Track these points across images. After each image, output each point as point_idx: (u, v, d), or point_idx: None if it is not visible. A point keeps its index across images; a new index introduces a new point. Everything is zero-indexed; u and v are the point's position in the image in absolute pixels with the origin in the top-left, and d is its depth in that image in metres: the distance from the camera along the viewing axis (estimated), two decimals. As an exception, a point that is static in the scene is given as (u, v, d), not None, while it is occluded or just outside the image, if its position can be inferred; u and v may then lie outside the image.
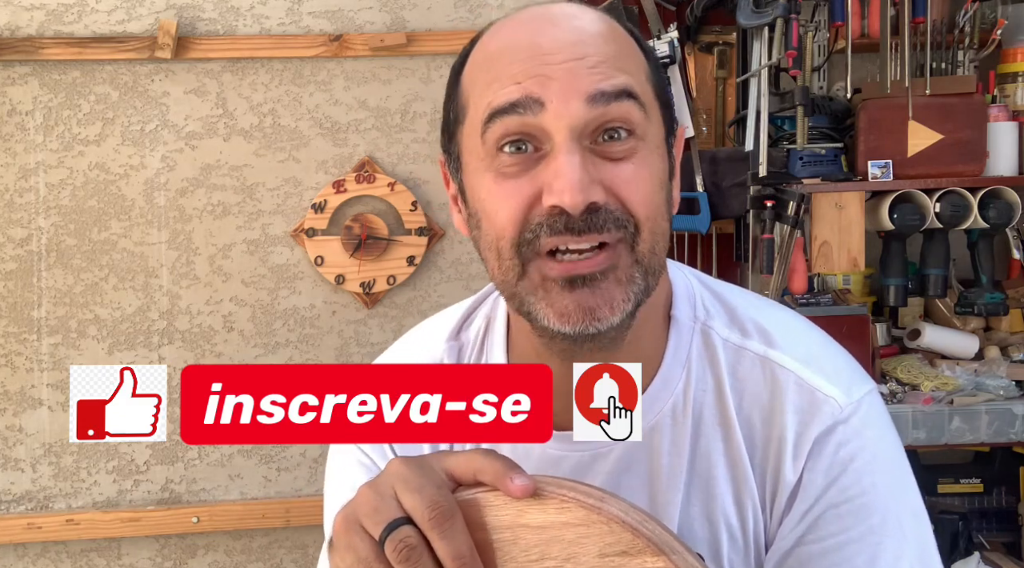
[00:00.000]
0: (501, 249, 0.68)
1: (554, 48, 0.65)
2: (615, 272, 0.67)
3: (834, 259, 1.93)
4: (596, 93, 0.64)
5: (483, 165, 0.68)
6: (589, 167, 0.64)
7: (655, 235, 0.68)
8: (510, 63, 0.66)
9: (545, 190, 0.65)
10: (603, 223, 0.65)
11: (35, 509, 2.11)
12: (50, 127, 2.08)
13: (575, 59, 0.65)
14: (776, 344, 0.76)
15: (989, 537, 2.11)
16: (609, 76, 0.65)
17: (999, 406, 1.88)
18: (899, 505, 0.72)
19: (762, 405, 0.74)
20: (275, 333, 2.14)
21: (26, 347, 2.09)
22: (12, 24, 2.05)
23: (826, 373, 0.75)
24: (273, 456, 2.15)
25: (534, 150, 0.66)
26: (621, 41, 0.70)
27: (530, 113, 0.65)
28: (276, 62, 2.11)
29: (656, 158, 0.69)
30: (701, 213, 1.96)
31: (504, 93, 0.65)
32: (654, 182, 0.68)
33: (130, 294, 2.11)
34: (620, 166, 0.66)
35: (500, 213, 0.67)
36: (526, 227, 0.66)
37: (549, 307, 0.67)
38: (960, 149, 1.93)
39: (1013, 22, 2.06)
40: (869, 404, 0.74)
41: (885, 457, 0.73)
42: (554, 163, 0.64)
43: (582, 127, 0.65)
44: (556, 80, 0.64)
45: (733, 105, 2.15)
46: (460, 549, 0.53)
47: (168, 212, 2.11)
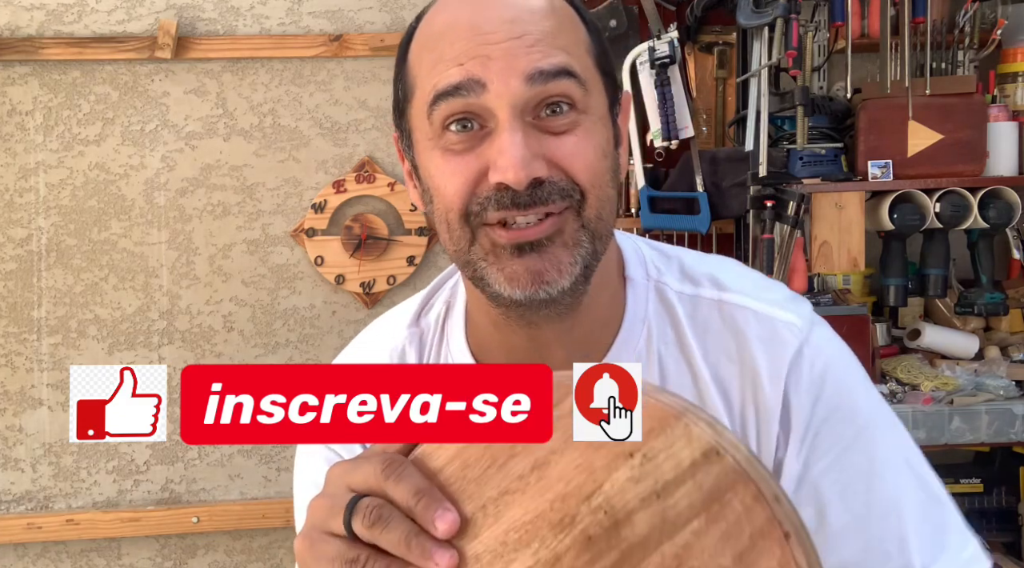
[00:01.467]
0: (450, 221, 0.70)
1: (493, 27, 0.67)
2: (561, 236, 0.69)
3: (834, 259, 1.93)
4: (535, 72, 0.66)
5: (431, 143, 0.70)
6: (532, 143, 0.67)
7: (601, 201, 0.70)
8: (452, 43, 0.68)
9: (491, 167, 0.67)
10: (548, 195, 0.67)
11: (35, 509, 2.12)
12: (50, 127, 2.08)
13: (513, 38, 0.67)
14: (727, 287, 0.79)
15: (989, 537, 2.11)
16: (547, 55, 0.67)
17: (999, 406, 1.88)
18: (873, 402, 0.78)
19: (727, 346, 0.77)
20: (275, 333, 2.14)
21: (26, 347, 2.09)
22: (12, 24, 2.05)
23: (776, 302, 0.78)
24: (273, 456, 2.15)
25: (479, 127, 0.68)
26: (560, 15, 0.71)
27: (473, 94, 0.67)
28: (276, 62, 2.11)
29: (599, 129, 0.71)
30: (701, 213, 1.96)
31: (447, 75, 0.67)
32: (597, 152, 0.70)
33: (130, 294, 2.11)
34: (562, 139, 0.68)
35: (448, 188, 0.69)
36: (473, 200, 0.69)
37: (500, 272, 0.69)
38: (960, 149, 1.93)
39: (1013, 22, 2.06)
40: (817, 319, 0.79)
41: (848, 362, 0.78)
42: (498, 141, 0.67)
43: (523, 105, 0.67)
44: (496, 60, 0.66)
45: (733, 105, 2.15)
46: (417, 484, 0.51)
47: (168, 212, 2.11)
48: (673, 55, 1.95)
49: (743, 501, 0.44)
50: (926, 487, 0.76)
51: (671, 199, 2.02)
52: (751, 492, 0.44)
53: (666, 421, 0.47)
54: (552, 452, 0.48)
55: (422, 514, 0.50)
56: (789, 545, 0.43)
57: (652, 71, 1.97)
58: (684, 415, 0.47)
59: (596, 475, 0.47)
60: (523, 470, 0.49)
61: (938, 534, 0.74)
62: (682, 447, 0.46)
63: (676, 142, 1.97)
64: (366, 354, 0.87)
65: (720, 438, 0.46)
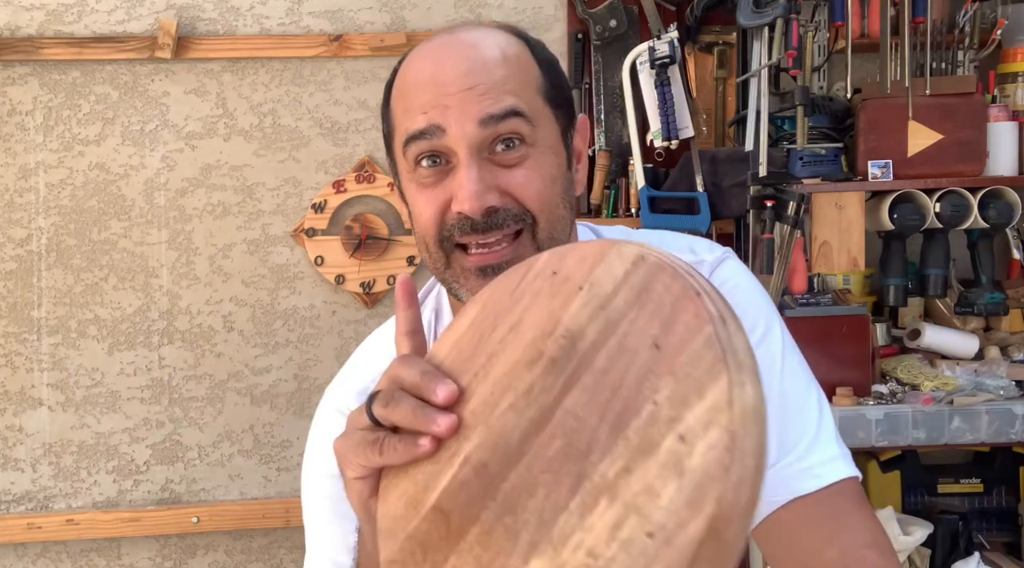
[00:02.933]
0: (428, 244, 0.82)
1: (449, 80, 0.79)
2: (519, 259, 0.77)
3: (834, 259, 1.93)
4: (486, 117, 0.78)
5: (409, 176, 0.82)
6: (486, 176, 0.78)
7: (551, 223, 0.81)
8: (418, 95, 0.80)
9: (453, 199, 0.78)
10: (502, 221, 0.78)
11: (35, 509, 2.12)
12: (50, 127, 2.08)
13: (466, 89, 0.78)
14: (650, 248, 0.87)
15: (989, 537, 2.11)
16: (497, 100, 0.78)
17: (999, 406, 1.88)
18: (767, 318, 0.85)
19: None
20: (275, 333, 2.14)
21: (26, 347, 2.09)
22: (12, 24, 2.05)
23: (694, 248, 0.90)
24: (273, 456, 2.15)
25: (445, 162, 0.79)
26: (511, 63, 0.81)
27: (435, 138, 0.78)
28: (276, 62, 2.11)
29: (548, 158, 0.81)
30: (701, 213, 1.96)
31: (415, 122, 0.79)
32: (545, 180, 0.80)
33: (130, 294, 2.11)
34: (513, 172, 0.79)
35: (423, 216, 0.81)
36: (443, 227, 0.80)
37: (469, 292, 0.80)
38: (960, 149, 1.93)
39: (1013, 22, 2.06)
40: (731, 258, 0.90)
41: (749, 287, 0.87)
42: (457, 176, 0.78)
43: (479, 144, 0.78)
44: (452, 109, 0.78)
45: (733, 105, 2.15)
46: (422, 368, 0.59)
47: (168, 212, 2.11)
48: (673, 55, 1.95)
49: (664, 283, 0.52)
50: (798, 393, 0.84)
51: (671, 199, 2.02)
52: (669, 274, 0.52)
53: (603, 252, 0.56)
54: (524, 311, 0.57)
55: (425, 388, 0.58)
56: (701, 300, 0.50)
57: (652, 71, 1.97)
58: (617, 244, 0.56)
59: (556, 315, 0.56)
60: (503, 334, 0.58)
61: (799, 435, 0.82)
62: (616, 265, 0.55)
63: (676, 142, 1.98)
64: (360, 378, 0.91)
65: (645, 249, 0.55)
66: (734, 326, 0.51)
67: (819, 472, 0.80)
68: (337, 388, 0.93)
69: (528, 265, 0.60)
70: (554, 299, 0.56)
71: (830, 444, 0.82)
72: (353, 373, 0.93)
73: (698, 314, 0.50)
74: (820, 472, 0.80)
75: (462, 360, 0.59)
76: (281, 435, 2.15)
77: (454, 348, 0.61)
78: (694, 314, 0.50)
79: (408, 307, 0.67)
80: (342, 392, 0.92)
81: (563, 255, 0.58)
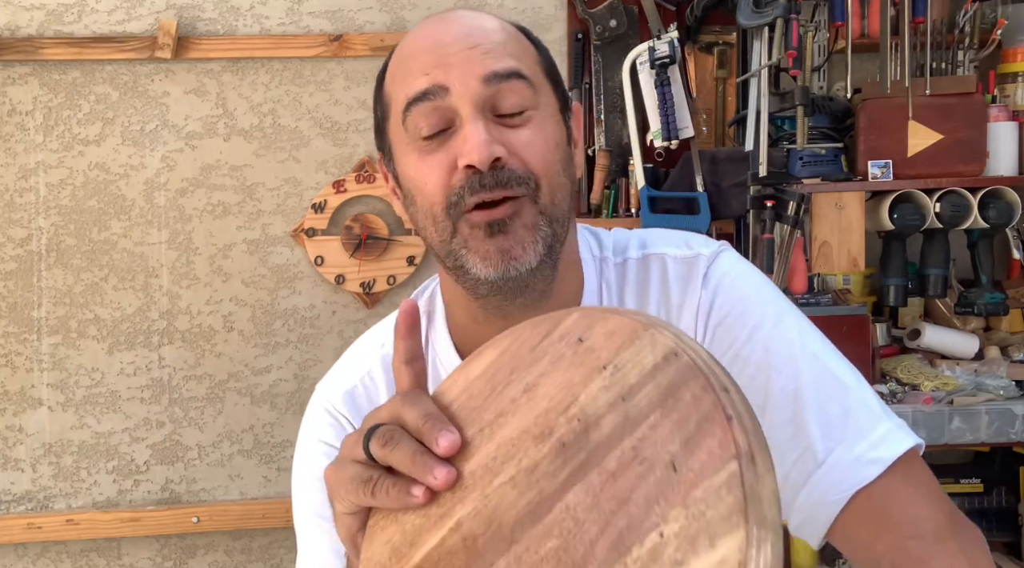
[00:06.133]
0: (435, 214, 0.79)
1: (451, 41, 0.78)
2: (521, 218, 0.78)
3: (834, 259, 1.93)
4: (490, 74, 0.77)
5: (408, 147, 0.80)
6: (492, 131, 0.76)
7: (553, 188, 0.79)
8: (417, 59, 0.79)
9: (459, 156, 0.76)
10: (507, 180, 0.76)
11: (35, 509, 2.12)
12: (50, 127, 2.08)
13: (469, 48, 0.78)
14: (648, 244, 0.89)
15: (989, 537, 2.09)
16: (499, 60, 0.78)
17: (999, 406, 1.88)
18: (770, 304, 0.82)
19: (656, 292, 0.86)
20: (275, 333, 2.14)
21: (26, 347, 2.09)
22: (12, 24, 2.05)
23: (690, 244, 0.88)
24: (273, 456, 2.15)
25: (447, 127, 0.78)
26: (509, 32, 0.82)
27: (439, 98, 0.77)
28: (276, 62, 2.11)
29: (551, 124, 0.81)
30: (701, 213, 1.96)
31: (416, 84, 0.78)
32: (548, 143, 0.79)
33: (130, 294, 2.11)
34: (518, 131, 0.78)
35: (428, 184, 0.78)
36: (451, 191, 0.77)
37: (475, 255, 0.78)
38: (960, 149, 1.93)
39: (1013, 22, 2.06)
40: (728, 250, 0.88)
41: (744, 273, 0.86)
42: (462, 132, 0.77)
43: (482, 102, 0.77)
44: (456, 67, 0.77)
45: (733, 105, 2.15)
46: (427, 409, 0.57)
47: (168, 212, 2.11)
48: (673, 55, 1.95)
49: (693, 392, 0.48)
50: (829, 375, 0.78)
51: (671, 199, 2.02)
52: (700, 383, 0.48)
53: (635, 333, 0.52)
54: (541, 375, 0.54)
55: (427, 434, 0.55)
56: (731, 427, 0.46)
57: (652, 71, 1.98)
58: (652, 326, 0.52)
59: (574, 390, 0.52)
60: (516, 393, 0.55)
61: (842, 419, 0.76)
62: (647, 354, 0.50)
63: (676, 142, 1.98)
64: (349, 379, 0.91)
65: (680, 342, 0.50)
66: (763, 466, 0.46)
67: (873, 456, 0.74)
68: (326, 387, 0.92)
69: (554, 322, 0.56)
70: (574, 370, 0.53)
71: (878, 421, 0.76)
72: (342, 373, 0.92)
73: (724, 444, 0.45)
74: (874, 455, 0.74)
75: (470, 409, 0.57)
76: (281, 435, 2.15)
77: (464, 392, 0.58)
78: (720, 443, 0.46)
79: (409, 336, 0.63)
80: (331, 392, 0.91)
81: (592, 322, 0.54)
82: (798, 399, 0.77)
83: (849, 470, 0.74)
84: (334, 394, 0.90)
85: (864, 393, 0.78)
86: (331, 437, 0.88)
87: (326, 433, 0.89)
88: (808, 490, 0.75)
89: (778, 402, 0.77)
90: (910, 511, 0.73)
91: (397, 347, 0.63)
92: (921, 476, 0.76)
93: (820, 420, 0.76)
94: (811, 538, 0.77)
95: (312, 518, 0.90)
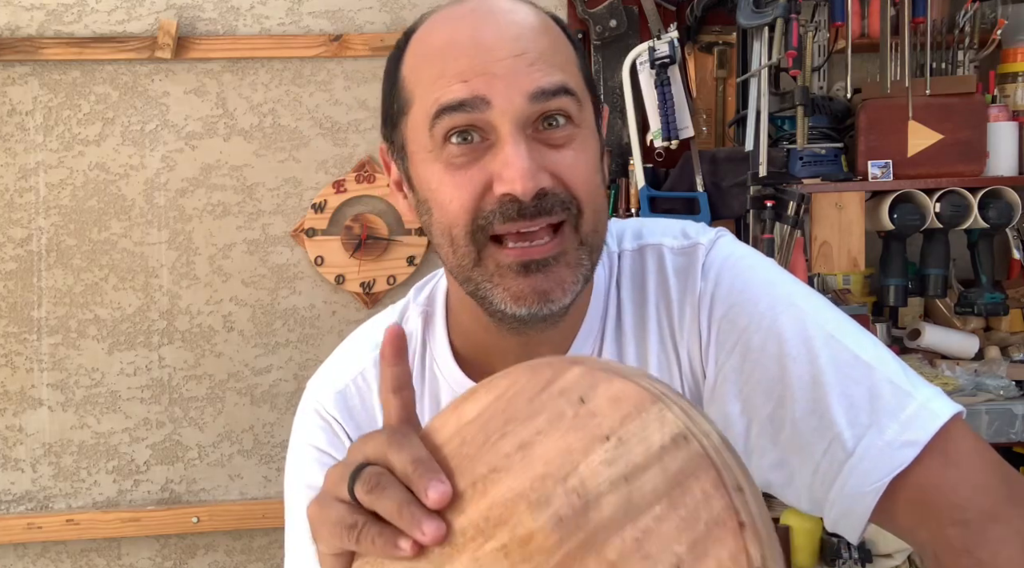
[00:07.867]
0: (455, 237, 0.72)
1: (496, 44, 0.69)
2: (565, 257, 0.72)
3: (834, 259, 1.93)
4: (537, 91, 0.69)
5: (431, 156, 0.72)
6: (535, 155, 0.69)
7: (596, 214, 0.73)
8: (455, 59, 0.70)
9: (496, 179, 0.69)
10: (551, 206, 0.69)
11: (35, 509, 2.12)
12: (50, 127, 2.08)
13: (515, 55, 0.69)
14: (644, 235, 0.85)
15: (989, 537, 2.10)
16: (547, 73, 0.70)
17: (999, 406, 1.88)
18: (777, 288, 0.77)
19: (654, 286, 0.82)
20: (275, 333, 2.14)
21: (26, 347, 2.09)
22: (12, 24, 2.05)
23: (687, 233, 0.83)
24: (273, 456, 2.15)
25: (481, 140, 0.70)
26: (553, 34, 0.74)
27: (477, 111, 0.69)
28: (276, 62, 2.11)
29: (591, 142, 0.74)
30: (701, 213, 1.96)
31: (451, 91, 0.69)
32: (591, 165, 0.73)
33: (130, 294, 2.11)
34: (561, 152, 0.71)
35: (453, 202, 0.71)
36: (479, 215, 0.70)
37: (505, 292, 0.71)
38: (960, 149, 1.93)
39: (1013, 22, 2.06)
40: (727, 236, 0.83)
41: (753, 260, 0.81)
42: (502, 153, 0.69)
43: (524, 120, 0.69)
44: (500, 78, 0.68)
45: (733, 105, 2.15)
46: (417, 454, 0.53)
47: (168, 212, 2.11)
48: (673, 55, 1.95)
49: (703, 488, 0.44)
50: (848, 354, 0.73)
51: (671, 199, 2.02)
52: (711, 479, 0.44)
53: (643, 405, 0.48)
54: (537, 433, 0.50)
55: (417, 483, 0.52)
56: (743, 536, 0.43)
57: (652, 71, 1.97)
58: (661, 399, 0.48)
59: (573, 457, 0.48)
60: (510, 449, 0.51)
61: (868, 402, 0.70)
62: (654, 431, 0.47)
63: (676, 142, 1.98)
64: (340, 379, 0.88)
65: (691, 423, 0.47)
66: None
67: (906, 438, 0.68)
68: (317, 387, 0.89)
69: (555, 372, 0.51)
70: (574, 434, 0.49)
71: (906, 398, 0.70)
72: (333, 373, 0.89)
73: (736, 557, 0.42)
74: (908, 437, 0.68)
75: (462, 456, 0.53)
76: (281, 435, 2.15)
77: (456, 436, 0.54)
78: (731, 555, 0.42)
79: (395, 363, 0.59)
80: (321, 394, 0.87)
81: (596, 383, 0.50)
82: (818, 386, 0.71)
83: (881, 457, 0.68)
84: (325, 396, 0.87)
85: (888, 368, 0.72)
86: (322, 442, 0.86)
87: (317, 438, 0.86)
88: (841, 482, 0.70)
89: (798, 392, 0.72)
90: (950, 496, 0.67)
91: (384, 374, 0.60)
92: (963, 450, 0.69)
93: (844, 406, 0.71)
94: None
95: (304, 526, 0.89)
